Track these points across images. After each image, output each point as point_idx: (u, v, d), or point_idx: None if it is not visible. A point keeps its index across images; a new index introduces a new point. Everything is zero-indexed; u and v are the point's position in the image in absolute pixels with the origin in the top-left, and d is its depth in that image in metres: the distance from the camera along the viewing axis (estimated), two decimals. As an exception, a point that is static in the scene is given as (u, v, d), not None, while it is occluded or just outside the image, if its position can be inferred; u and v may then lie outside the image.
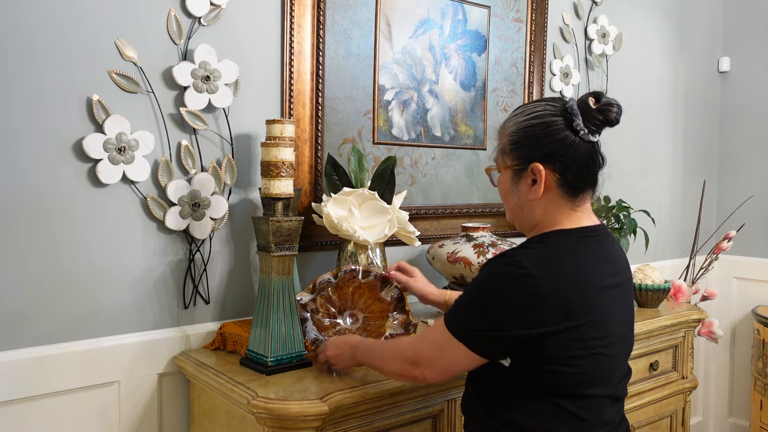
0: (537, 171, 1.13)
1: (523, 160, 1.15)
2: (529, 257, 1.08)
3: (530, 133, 1.14)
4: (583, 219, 1.16)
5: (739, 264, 3.19)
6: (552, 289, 1.05)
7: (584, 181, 1.14)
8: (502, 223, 2.33)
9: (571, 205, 1.15)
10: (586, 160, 1.13)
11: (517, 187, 1.18)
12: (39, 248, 1.42)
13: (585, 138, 1.11)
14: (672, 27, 3.00)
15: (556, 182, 1.13)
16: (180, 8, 1.58)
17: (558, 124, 1.12)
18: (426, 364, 1.16)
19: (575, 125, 1.11)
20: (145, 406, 1.57)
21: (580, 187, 1.14)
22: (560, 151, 1.11)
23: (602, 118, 1.12)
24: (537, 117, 1.14)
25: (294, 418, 1.25)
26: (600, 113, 1.11)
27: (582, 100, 1.13)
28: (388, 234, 1.69)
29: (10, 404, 1.40)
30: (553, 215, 1.15)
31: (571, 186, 1.14)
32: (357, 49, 1.90)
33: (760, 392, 2.86)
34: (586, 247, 1.13)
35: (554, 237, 1.13)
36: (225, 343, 1.60)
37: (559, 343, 1.07)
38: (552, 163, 1.12)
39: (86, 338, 1.50)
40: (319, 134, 1.82)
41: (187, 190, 1.59)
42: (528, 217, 1.19)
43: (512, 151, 1.17)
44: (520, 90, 2.36)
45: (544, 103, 1.16)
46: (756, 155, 3.16)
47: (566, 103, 1.14)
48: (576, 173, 1.13)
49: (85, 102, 1.46)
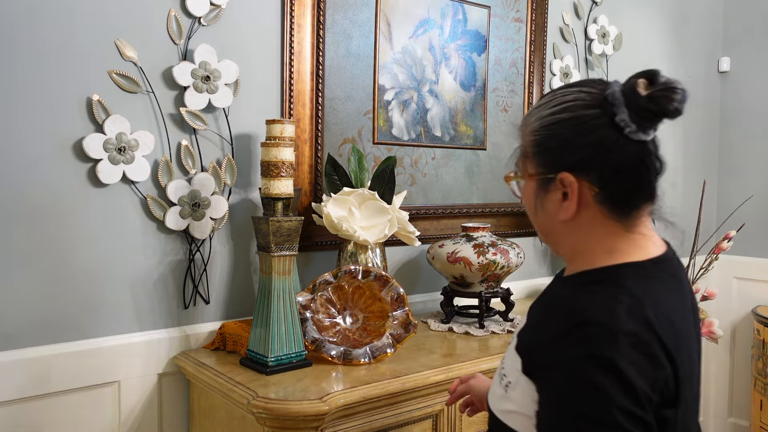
0: (568, 183, 0.85)
1: (549, 168, 0.87)
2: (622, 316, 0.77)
3: (557, 132, 0.86)
4: (648, 246, 0.88)
5: (739, 264, 3.19)
6: (657, 344, 0.78)
7: (635, 195, 0.86)
8: (502, 223, 2.33)
9: (624, 227, 0.87)
10: (637, 166, 0.84)
11: (543, 203, 0.90)
12: (39, 248, 1.42)
13: (633, 137, 0.83)
14: (672, 27, 3.00)
15: (596, 197, 0.85)
16: (180, 8, 1.58)
17: (595, 119, 0.83)
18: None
19: (618, 120, 0.82)
20: (145, 406, 1.57)
21: (630, 203, 0.86)
22: (599, 156, 0.83)
23: (657, 108, 0.81)
24: (566, 109, 0.86)
25: (294, 418, 1.25)
26: (654, 102, 0.81)
27: (629, 85, 0.83)
28: (388, 234, 1.69)
29: (11, 404, 1.40)
30: (603, 242, 0.87)
31: (617, 201, 0.85)
32: (357, 49, 1.90)
33: (760, 392, 2.86)
34: (669, 290, 0.85)
35: (629, 278, 0.83)
36: (225, 343, 1.60)
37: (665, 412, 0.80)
38: (588, 173, 0.84)
39: (86, 338, 1.50)
40: (319, 134, 1.82)
41: (187, 190, 1.59)
42: (563, 241, 0.91)
43: (536, 155, 0.89)
44: (520, 90, 2.36)
45: (577, 90, 0.87)
46: (756, 155, 3.16)
47: (606, 89, 0.84)
48: (622, 184, 0.84)
49: (85, 102, 1.46)
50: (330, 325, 1.58)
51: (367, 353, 1.50)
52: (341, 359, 1.48)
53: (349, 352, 1.49)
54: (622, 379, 0.74)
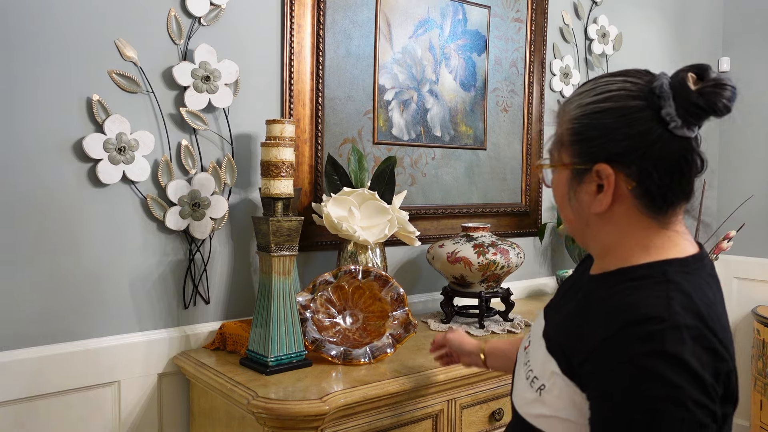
0: (605, 175, 0.84)
1: (585, 158, 0.85)
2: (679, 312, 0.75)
3: (599, 122, 0.84)
4: (684, 244, 0.87)
5: (739, 264, 3.19)
6: (716, 338, 0.77)
7: (674, 192, 0.84)
8: (502, 223, 2.33)
9: (658, 224, 0.85)
10: (678, 163, 0.83)
11: (576, 194, 0.88)
12: (39, 248, 1.42)
13: (677, 132, 0.81)
14: (672, 27, 3.00)
15: (633, 191, 0.83)
16: (180, 8, 1.58)
17: (639, 111, 0.82)
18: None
19: (664, 114, 0.81)
20: (145, 406, 1.57)
21: (668, 200, 0.84)
22: (640, 149, 0.81)
23: (705, 104, 0.80)
24: (610, 99, 0.84)
25: (294, 418, 1.25)
26: (703, 98, 0.80)
27: (678, 78, 0.81)
28: (388, 234, 1.69)
29: (11, 404, 1.40)
30: (638, 238, 0.85)
31: (654, 197, 0.84)
32: (357, 49, 1.90)
33: (760, 392, 2.86)
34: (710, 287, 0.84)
35: (676, 274, 0.81)
36: (225, 343, 1.60)
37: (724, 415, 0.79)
38: (627, 166, 0.83)
39: (86, 338, 1.50)
40: (319, 134, 1.82)
41: (187, 190, 1.59)
42: (594, 235, 0.90)
43: (573, 144, 0.87)
44: (520, 90, 2.36)
45: (622, 80, 0.85)
46: (756, 155, 3.16)
47: (654, 81, 0.83)
48: (662, 180, 0.82)
49: (85, 102, 1.46)
50: (330, 325, 1.58)
51: (367, 353, 1.50)
52: (341, 359, 1.48)
53: (349, 352, 1.49)
54: (691, 371, 0.72)
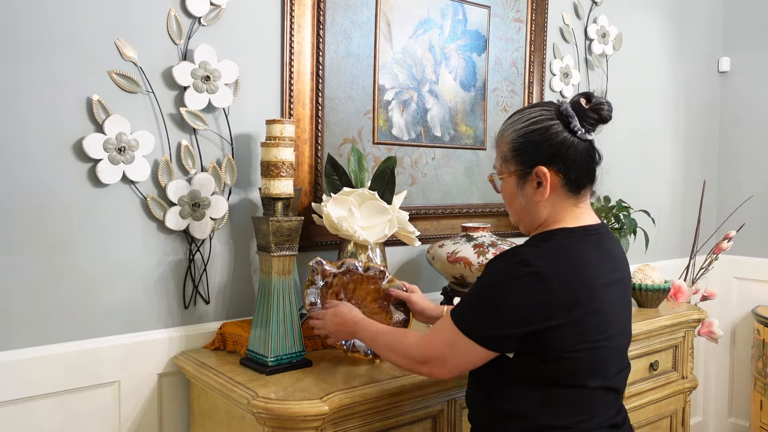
0: (542, 174, 1.17)
1: (527, 165, 1.19)
2: (535, 255, 1.12)
3: (531, 139, 1.18)
4: (585, 217, 1.21)
5: (739, 264, 3.19)
6: (559, 285, 1.10)
7: (585, 178, 1.20)
8: (502, 223, 2.33)
9: (574, 202, 1.20)
10: (586, 159, 1.18)
11: (523, 191, 1.21)
12: (39, 248, 1.42)
13: (583, 137, 1.17)
14: (672, 27, 3.00)
15: (560, 182, 1.18)
16: (180, 8, 1.58)
17: (556, 127, 1.17)
18: (435, 363, 1.19)
19: (572, 126, 1.16)
20: (145, 406, 1.57)
21: (582, 184, 1.20)
22: (562, 153, 1.16)
23: (596, 116, 1.17)
24: (535, 122, 1.18)
25: (294, 418, 1.25)
26: (594, 112, 1.17)
27: (574, 102, 1.18)
28: (388, 234, 1.69)
29: (11, 404, 1.40)
30: (557, 213, 1.20)
31: (574, 184, 1.19)
32: (357, 49, 1.90)
33: (760, 392, 2.86)
34: (588, 245, 1.17)
35: (558, 235, 1.17)
36: (225, 343, 1.60)
37: (563, 336, 1.11)
38: (555, 165, 1.17)
39: (86, 338, 1.50)
40: (319, 134, 1.82)
41: (187, 190, 1.59)
42: (534, 218, 1.22)
43: (515, 158, 1.21)
44: (520, 90, 2.36)
45: (540, 108, 1.20)
46: (756, 155, 3.16)
47: (560, 106, 1.19)
48: (578, 172, 1.18)
49: (85, 102, 1.46)
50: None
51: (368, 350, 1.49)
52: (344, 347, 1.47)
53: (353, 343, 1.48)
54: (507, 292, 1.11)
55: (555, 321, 1.09)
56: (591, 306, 1.12)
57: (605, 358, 1.17)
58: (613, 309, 1.18)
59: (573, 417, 1.15)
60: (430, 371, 1.21)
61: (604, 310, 1.15)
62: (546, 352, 1.12)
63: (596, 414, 1.18)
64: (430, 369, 1.20)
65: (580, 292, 1.11)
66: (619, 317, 1.20)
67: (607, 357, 1.17)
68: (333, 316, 1.41)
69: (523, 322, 1.10)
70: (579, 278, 1.12)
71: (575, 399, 1.15)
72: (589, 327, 1.12)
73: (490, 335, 1.13)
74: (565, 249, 1.15)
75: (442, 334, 1.18)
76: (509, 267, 1.13)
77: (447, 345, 1.17)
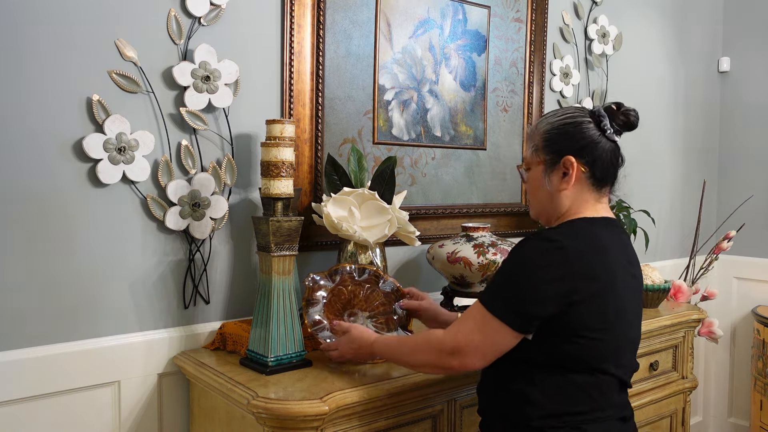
0: (570, 164, 1.26)
1: (556, 154, 1.28)
2: (557, 233, 1.21)
3: (563, 131, 1.27)
4: (604, 211, 1.30)
5: (739, 264, 3.19)
6: (581, 259, 1.17)
7: (608, 176, 1.29)
8: (502, 223, 2.33)
9: (597, 197, 1.28)
10: (611, 157, 1.27)
11: (550, 179, 1.29)
12: (39, 248, 1.42)
13: (610, 137, 1.27)
14: (672, 27, 3.00)
15: (585, 174, 1.26)
16: (180, 8, 1.58)
17: (588, 124, 1.26)
18: (468, 352, 1.21)
19: (603, 125, 1.26)
20: (145, 406, 1.57)
21: (604, 181, 1.28)
22: (590, 147, 1.25)
23: (625, 119, 1.28)
24: (569, 117, 1.28)
25: (294, 418, 1.25)
26: (623, 116, 1.28)
27: (606, 106, 1.30)
28: (388, 234, 1.69)
29: (10, 404, 1.40)
30: (580, 204, 1.28)
31: (597, 179, 1.27)
32: (357, 49, 1.90)
33: (760, 392, 2.86)
34: (608, 233, 1.26)
35: (580, 222, 1.26)
36: (225, 343, 1.60)
37: (585, 312, 1.16)
38: (582, 157, 1.25)
39: (86, 338, 1.50)
40: (319, 134, 1.82)
41: (187, 190, 1.59)
42: (557, 207, 1.29)
43: (545, 147, 1.29)
44: (520, 90, 2.36)
45: (574, 108, 1.31)
46: (756, 155, 3.16)
47: (594, 108, 1.30)
48: (602, 168, 1.27)
49: (85, 102, 1.46)
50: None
51: None
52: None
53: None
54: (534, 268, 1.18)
55: (578, 295, 1.15)
56: (610, 284, 1.18)
57: (620, 348, 1.23)
58: (629, 300, 1.24)
59: (588, 404, 1.20)
60: (461, 362, 1.22)
61: (622, 295, 1.21)
62: (569, 331, 1.17)
63: (609, 404, 1.23)
64: (462, 360, 1.21)
65: (599, 268, 1.18)
66: (635, 311, 1.27)
67: (621, 347, 1.24)
68: (348, 343, 1.43)
69: (550, 296, 1.15)
70: (599, 255, 1.19)
71: (591, 387, 1.20)
72: (608, 307, 1.18)
73: (519, 313, 1.17)
74: (585, 231, 1.23)
75: (470, 320, 1.22)
76: (533, 245, 1.20)
77: (477, 330, 1.20)
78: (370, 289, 1.61)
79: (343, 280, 1.58)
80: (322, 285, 1.54)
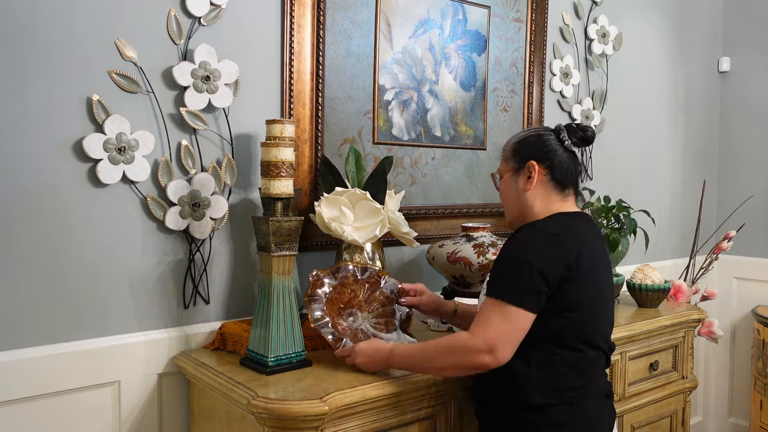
0: (532, 167, 1.44)
1: (521, 161, 1.47)
2: (542, 223, 1.40)
3: (528, 142, 1.48)
4: (573, 208, 1.47)
5: (739, 264, 3.19)
6: (571, 242, 1.35)
7: (568, 179, 1.46)
8: (502, 223, 2.33)
9: (561, 197, 1.46)
10: (569, 164, 1.46)
11: (516, 182, 1.47)
12: (39, 248, 1.42)
13: (569, 147, 1.45)
14: (672, 27, 3.00)
15: (547, 177, 1.45)
16: (180, 8, 1.58)
17: (549, 136, 1.47)
18: (499, 345, 1.30)
19: (562, 137, 1.45)
20: (145, 406, 1.57)
21: (565, 183, 1.46)
22: (550, 154, 1.45)
23: (581, 134, 1.46)
24: (534, 132, 1.49)
25: (294, 418, 1.25)
26: (581, 131, 1.46)
27: (567, 124, 1.49)
28: (379, 234, 1.67)
29: (10, 404, 1.40)
30: (548, 204, 1.45)
31: (558, 182, 1.45)
32: (357, 49, 1.90)
33: (760, 392, 2.86)
34: (582, 222, 1.44)
35: (559, 216, 1.43)
36: (225, 343, 1.60)
37: (578, 286, 1.33)
38: (543, 162, 1.44)
39: (86, 338, 1.50)
40: (319, 134, 1.82)
41: (187, 190, 1.59)
42: (525, 205, 1.46)
43: (513, 157, 1.49)
44: (520, 90, 2.36)
45: (538, 126, 1.56)
46: (756, 155, 3.16)
47: (556, 125, 1.49)
48: (561, 172, 1.45)
49: (85, 102, 1.46)
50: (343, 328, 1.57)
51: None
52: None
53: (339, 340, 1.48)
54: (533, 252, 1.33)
55: (571, 272, 1.32)
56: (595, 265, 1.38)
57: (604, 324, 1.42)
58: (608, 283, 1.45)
59: (580, 380, 1.36)
60: (494, 357, 1.30)
61: (603, 275, 1.42)
62: (566, 304, 1.33)
63: (597, 380, 1.41)
64: (495, 355, 1.29)
65: (583, 249, 1.35)
66: (611, 295, 1.46)
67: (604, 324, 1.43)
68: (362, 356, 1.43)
69: (551, 272, 1.31)
70: (580, 238, 1.37)
71: (582, 362, 1.36)
72: (593, 285, 1.38)
73: (533, 293, 1.30)
74: (568, 222, 1.41)
75: (491, 315, 1.32)
76: (528, 233, 1.37)
77: (502, 321, 1.30)
78: (371, 290, 1.61)
79: (345, 278, 1.58)
80: (325, 282, 1.54)
